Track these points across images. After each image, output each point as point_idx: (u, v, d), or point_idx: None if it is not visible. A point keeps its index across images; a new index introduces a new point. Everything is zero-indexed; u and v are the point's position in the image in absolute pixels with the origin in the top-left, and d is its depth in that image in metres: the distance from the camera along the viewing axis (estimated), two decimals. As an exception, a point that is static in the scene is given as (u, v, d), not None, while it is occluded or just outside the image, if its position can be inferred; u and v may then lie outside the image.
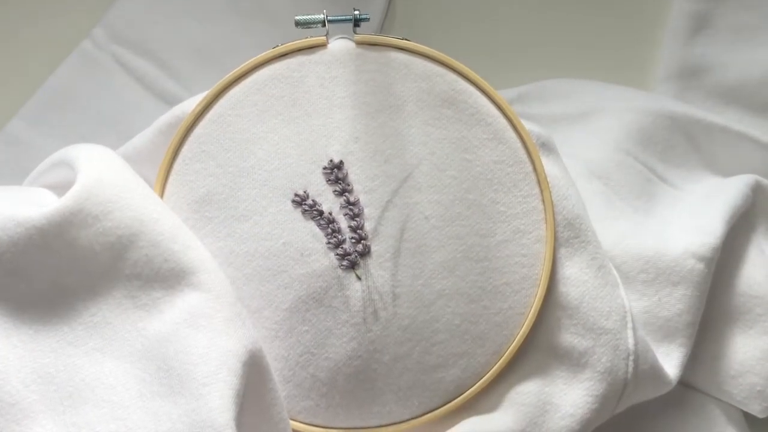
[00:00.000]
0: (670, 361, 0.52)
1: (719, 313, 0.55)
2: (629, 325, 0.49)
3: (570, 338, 0.48)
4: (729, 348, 0.54)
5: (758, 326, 0.54)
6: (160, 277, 0.44)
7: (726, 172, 0.60)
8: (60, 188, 0.50)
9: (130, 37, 0.67)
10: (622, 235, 0.53)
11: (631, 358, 0.49)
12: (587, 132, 0.60)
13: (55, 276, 0.45)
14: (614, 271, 0.50)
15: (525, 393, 0.48)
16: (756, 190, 0.56)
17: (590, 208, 0.55)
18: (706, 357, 0.55)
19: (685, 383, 0.55)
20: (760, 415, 0.54)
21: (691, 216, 0.55)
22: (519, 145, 0.49)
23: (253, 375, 0.43)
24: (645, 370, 0.49)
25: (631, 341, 0.49)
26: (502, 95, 0.50)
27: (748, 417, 0.55)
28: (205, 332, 0.42)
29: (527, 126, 0.50)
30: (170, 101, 0.66)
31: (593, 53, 0.67)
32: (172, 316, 0.43)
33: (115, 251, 0.45)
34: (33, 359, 0.43)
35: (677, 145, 0.59)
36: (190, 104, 0.50)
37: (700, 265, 0.52)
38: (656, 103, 0.60)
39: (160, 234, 0.45)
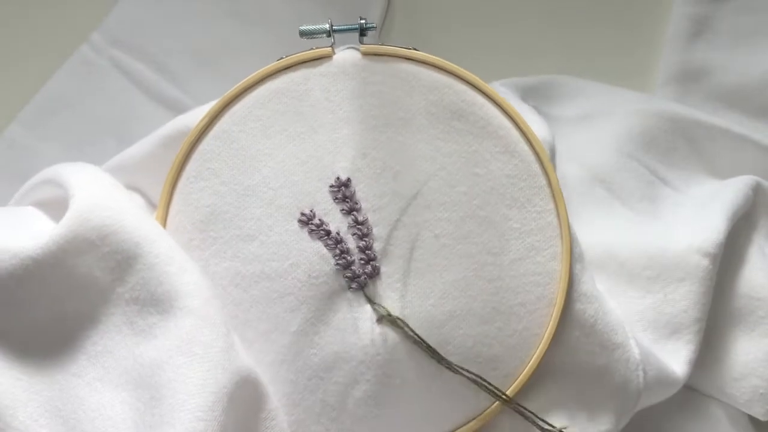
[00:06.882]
0: (678, 359, 0.51)
1: (721, 316, 0.54)
2: (629, 334, 0.48)
3: (586, 357, 0.47)
4: (731, 350, 0.54)
5: (760, 328, 0.54)
6: (155, 300, 0.44)
7: (727, 174, 0.59)
8: (49, 205, 0.49)
9: (129, 41, 0.66)
10: (624, 231, 0.53)
11: (640, 367, 0.48)
12: (589, 134, 0.60)
13: (54, 305, 0.44)
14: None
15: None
16: (756, 191, 0.56)
17: (592, 210, 0.55)
18: (708, 359, 0.54)
19: (687, 385, 0.54)
20: (763, 418, 0.53)
21: (694, 216, 0.55)
22: (532, 158, 0.47)
23: (245, 404, 0.43)
24: (652, 375, 0.49)
25: (635, 350, 0.48)
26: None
27: (751, 419, 0.55)
28: (201, 362, 0.41)
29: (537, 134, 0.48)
30: (169, 106, 0.65)
31: (594, 57, 0.67)
32: (165, 341, 0.43)
33: (115, 276, 0.44)
34: (38, 392, 0.43)
35: (679, 147, 0.59)
36: (192, 118, 0.49)
37: (705, 261, 0.51)
38: (658, 105, 0.60)
39: (156, 256, 0.44)
